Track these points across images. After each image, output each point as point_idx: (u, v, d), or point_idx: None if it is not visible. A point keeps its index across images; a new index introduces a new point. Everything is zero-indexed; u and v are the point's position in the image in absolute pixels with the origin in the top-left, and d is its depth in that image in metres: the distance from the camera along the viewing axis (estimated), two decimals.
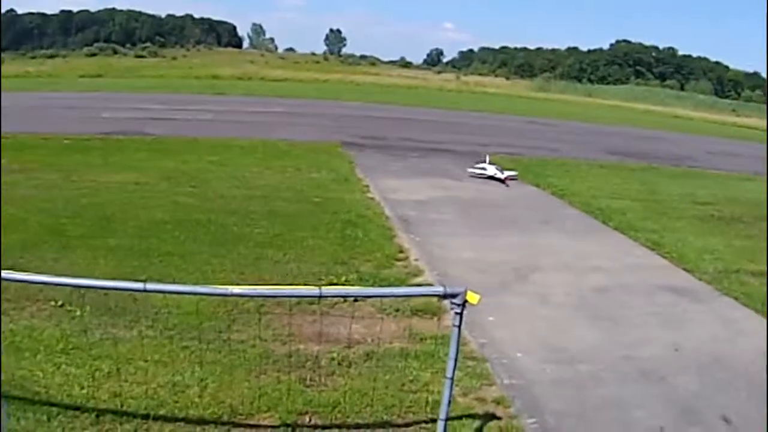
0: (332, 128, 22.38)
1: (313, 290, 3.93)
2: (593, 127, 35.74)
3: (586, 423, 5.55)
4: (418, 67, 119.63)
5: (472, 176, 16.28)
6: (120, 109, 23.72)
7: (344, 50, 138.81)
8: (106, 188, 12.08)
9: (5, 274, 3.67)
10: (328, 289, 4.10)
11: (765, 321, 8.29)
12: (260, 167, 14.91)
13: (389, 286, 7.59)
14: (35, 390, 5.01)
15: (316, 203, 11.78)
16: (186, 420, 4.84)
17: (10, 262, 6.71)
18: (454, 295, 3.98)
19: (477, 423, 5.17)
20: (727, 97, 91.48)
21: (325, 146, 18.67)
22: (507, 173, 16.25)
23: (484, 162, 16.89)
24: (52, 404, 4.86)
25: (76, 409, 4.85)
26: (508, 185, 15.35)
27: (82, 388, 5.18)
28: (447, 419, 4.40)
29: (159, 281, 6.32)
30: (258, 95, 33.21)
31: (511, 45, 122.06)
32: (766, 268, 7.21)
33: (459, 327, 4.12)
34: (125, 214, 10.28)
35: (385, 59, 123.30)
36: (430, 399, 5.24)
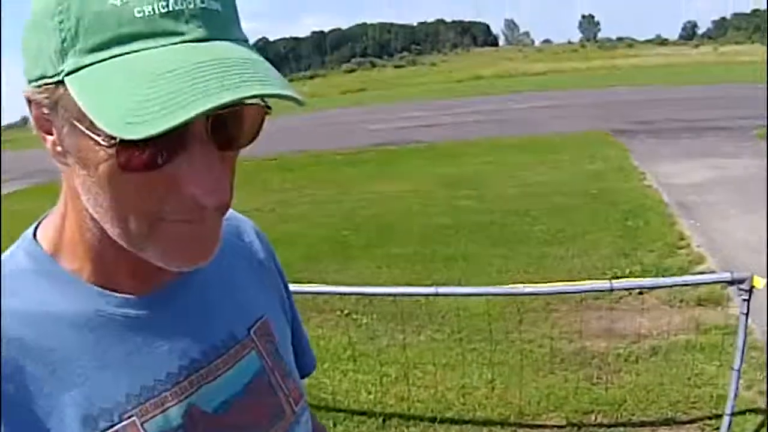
0: (599, 117, 21.40)
1: (603, 284, 3.94)
2: None
3: None
4: (674, 42, 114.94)
5: None
6: (387, 120, 24.54)
7: (599, 35, 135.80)
8: (383, 198, 12.44)
9: (293, 287, 3.81)
10: (618, 283, 4.04)
11: None
12: (534, 163, 14.60)
13: (673, 276, 7.08)
14: (321, 396, 5.17)
15: (593, 195, 11.27)
16: (472, 422, 4.78)
17: (293, 276, 7.03)
18: (741, 281, 3.75)
19: (760, 418, 4.67)
20: None
21: (594, 135, 17.89)
22: None
23: None
24: (339, 410, 5.01)
25: (363, 414, 4.96)
26: None
27: (369, 393, 5.28)
28: (732, 414, 4.12)
29: (445, 285, 6.33)
30: (521, 91, 32.81)
31: (762, 7, 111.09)
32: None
33: (747, 315, 3.87)
34: (405, 222, 10.49)
35: (641, 38, 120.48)
36: (714, 394, 4.83)
